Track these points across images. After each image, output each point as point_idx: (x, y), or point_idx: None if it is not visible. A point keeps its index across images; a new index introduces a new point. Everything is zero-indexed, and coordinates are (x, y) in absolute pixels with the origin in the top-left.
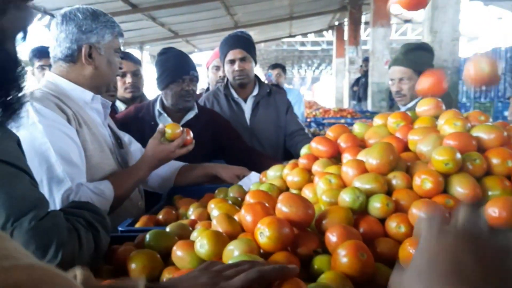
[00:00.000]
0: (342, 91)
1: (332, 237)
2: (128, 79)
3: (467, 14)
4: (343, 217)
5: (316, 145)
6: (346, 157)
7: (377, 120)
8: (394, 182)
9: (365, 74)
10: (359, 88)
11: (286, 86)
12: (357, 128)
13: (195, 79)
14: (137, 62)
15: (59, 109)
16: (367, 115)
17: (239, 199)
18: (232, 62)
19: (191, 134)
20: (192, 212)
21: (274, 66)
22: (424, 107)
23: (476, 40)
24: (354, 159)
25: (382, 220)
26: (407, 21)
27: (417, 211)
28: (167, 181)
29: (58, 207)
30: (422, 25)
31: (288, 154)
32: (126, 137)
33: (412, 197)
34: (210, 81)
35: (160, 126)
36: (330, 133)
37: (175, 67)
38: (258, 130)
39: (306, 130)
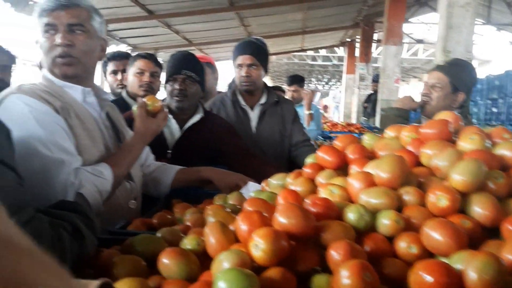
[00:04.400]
0: (350, 107)
1: (335, 254)
2: (145, 77)
3: (479, 38)
4: (345, 231)
5: (322, 155)
6: (353, 168)
7: (389, 132)
8: (405, 198)
9: (376, 91)
10: (369, 104)
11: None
12: (367, 139)
13: (190, 79)
14: (158, 65)
15: (44, 100)
16: (375, 131)
17: (238, 206)
18: (240, 67)
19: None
20: (188, 218)
21: (292, 80)
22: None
23: (488, 64)
24: (361, 171)
25: (390, 239)
26: (419, 41)
27: (430, 231)
28: (164, 185)
29: (58, 193)
30: (435, 45)
31: (292, 164)
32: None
33: (425, 215)
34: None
35: (140, 100)
36: (337, 142)
37: (170, 67)
38: (263, 139)
39: (313, 142)
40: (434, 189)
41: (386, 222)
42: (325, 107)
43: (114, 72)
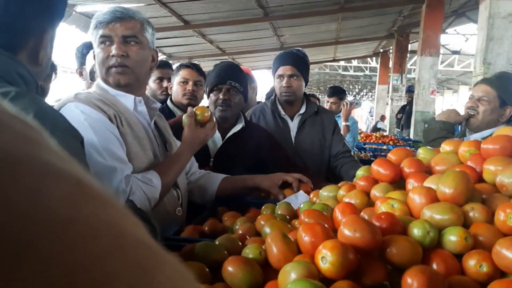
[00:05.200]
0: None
1: (411, 281)
2: (189, 86)
3: None
4: (411, 247)
5: (377, 168)
6: (411, 183)
7: (446, 147)
8: (471, 214)
9: (410, 102)
10: (403, 116)
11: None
12: (421, 152)
13: (234, 89)
14: (201, 74)
15: (99, 109)
16: (409, 143)
17: (287, 217)
18: (281, 77)
19: (213, 117)
20: (239, 227)
21: (333, 92)
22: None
23: None
24: (423, 186)
25: (457, 256)
26: (455, 52)
27: (502, 249)
28: (209, 193)
29: None
30: (474, 56)
31: (330, 175)
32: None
33: (494, 233)
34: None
35: (190, 109)
36: (392, 156)
37: (214, 77)
38: (303, 149)
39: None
40: (505, 207)
41: (453, 239)
42: (383, 117)
43: (160, 79)
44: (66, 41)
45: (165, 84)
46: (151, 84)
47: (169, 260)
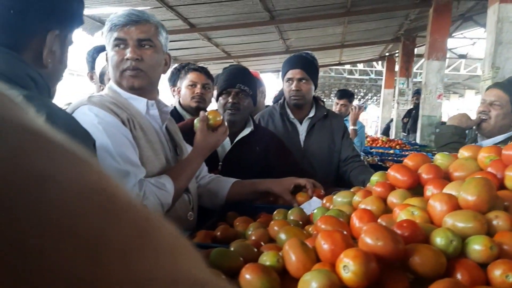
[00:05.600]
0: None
1: None
2: (197, 89)
3: None
4: (435, 256)
5: (394, 173)
6: (429, 189)
7: (464, 152)
8: (495, 223)
9: (416, 106)
10: (409, 120)
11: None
12: (439, 158)
13: (243, 93)
14: (209, 77)
15: (112, 112)
16: (416, 148)
17: (300, 222)
18: (290, 81)
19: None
20: (252, 232)
21: (343, 94)
22: None
23: None
24: (443, 193)
25: (481, 266)
26: (461, 56)
27: None
28: (220, 197)
29: None
30: (483, 61)
31: (339, 180)
32: (189, 148)
33: None
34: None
35: (202, 114)
36: (408, 161)
37: (224, 81)
38: (311, 153)
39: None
40: None
41: (478, 248)
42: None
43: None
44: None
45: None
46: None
47: (166, 225)
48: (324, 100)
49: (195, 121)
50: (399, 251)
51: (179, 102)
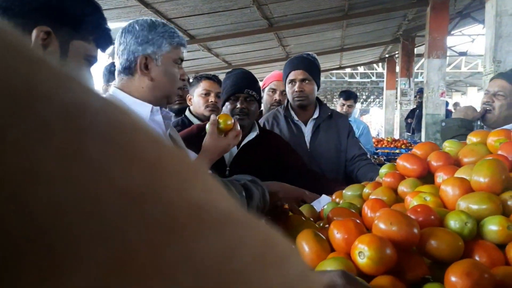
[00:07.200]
0: (392, 123)
1: (455, 279)
2: (211, 98)
3: None
4: (452, 239)
5: (403, 163)
6: (440, 176)
7: (472, 138)
8: (510, 203)
9: (419, 105)
10: (413, 120)
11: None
12: (448, 145)
13: (251, 98)
14: (221, 85)
15: None
16: None
17: (311, 219)
18: (293, 82)
19: (238, 125)
20: None
21: (349, 96)
22: None
23: None
24: (455, 177)
25: (499, 246)
26: (462, 53)
27: None
28: None
29: None
30: (484, 55)
31: (348, 180)
32: (191, 154)
33: None
34: (264, 103)
35: (213, 117)
36: (417, 150)
37: (231, 86)
38: (318, 154)
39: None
40: None
41: (495, 228)
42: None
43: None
44: None
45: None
46: None
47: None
48: (328, 105)
49: (207, 125)
50: (414, 235)
51: (189, 110)
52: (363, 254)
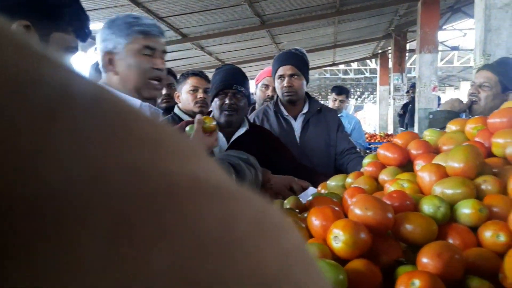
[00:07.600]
0: (386, 118)
1: (427, 260)
2: (200, 94)
3: None
4: (425, 223)
5: (383, 152)
6: (419, 164)
7: (451, 126)
8: (483, 187)
9: (412, 100)
10: (406, 114)
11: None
12: (428, 134)
13: (240, 94)
14: (208, 81)
15: None
16: None
17: (297, 210)
18: (282, 78)
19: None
20: None
21: (341, 91)
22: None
23: None
24: (432, 163)
25: (472, 229)
26: (454, 48)
27: None
28: None
29: None
30: (474, 49)
31: (338, 173)
32: None
33: (508, 203)
34: (258, 99)
35: (199, 117)
36: (398, 140)
37: (220, 81)
38: (308, 148)
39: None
40: None
41: (467, 211)
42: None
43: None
44: None
45: (164, 91)
46: None
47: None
48: (322, 102)
49: (195, 123)
50: (388, 220)
51: (178, 106)
52: (338, 238)
